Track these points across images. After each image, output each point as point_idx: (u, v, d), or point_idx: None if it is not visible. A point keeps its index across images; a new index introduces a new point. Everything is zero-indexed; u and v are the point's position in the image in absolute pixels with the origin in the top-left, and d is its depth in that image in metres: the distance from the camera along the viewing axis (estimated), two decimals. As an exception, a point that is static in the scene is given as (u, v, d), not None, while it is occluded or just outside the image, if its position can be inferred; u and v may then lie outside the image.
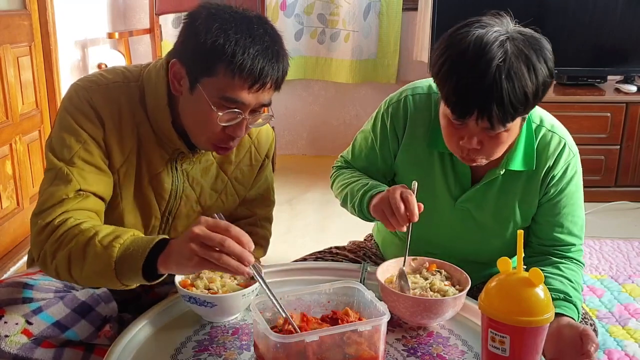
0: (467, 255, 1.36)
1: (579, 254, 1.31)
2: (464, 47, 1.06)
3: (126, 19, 3.78)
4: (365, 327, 0.96)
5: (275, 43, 1.13)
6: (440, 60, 1.10)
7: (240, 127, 1.14)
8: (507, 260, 0.95)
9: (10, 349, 1.08)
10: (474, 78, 1.05)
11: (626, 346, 1.88)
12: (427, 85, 1.34)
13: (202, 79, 1.11)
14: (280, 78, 1.15)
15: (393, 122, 1.35)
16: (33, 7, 2.62)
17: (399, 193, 1.16)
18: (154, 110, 1.19)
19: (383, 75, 3.85)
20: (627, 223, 2.98)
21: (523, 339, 0.91)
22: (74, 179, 1.12)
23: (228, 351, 1.05)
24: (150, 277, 1.02)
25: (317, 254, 1.53)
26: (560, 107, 3.04)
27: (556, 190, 1.27)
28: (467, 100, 1.07)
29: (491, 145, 1.14)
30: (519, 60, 1.05)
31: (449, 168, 1.31)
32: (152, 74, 1.20)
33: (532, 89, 1.06)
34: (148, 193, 1.25)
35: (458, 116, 1.10)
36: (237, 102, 1.11)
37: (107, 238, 1.04)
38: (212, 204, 1.34)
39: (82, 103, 1.16)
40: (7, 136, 2.38)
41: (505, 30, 1.08)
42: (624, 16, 3.23)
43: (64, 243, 1.07)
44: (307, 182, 3.48)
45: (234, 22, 1.09)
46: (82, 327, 1.17)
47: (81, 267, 1.06)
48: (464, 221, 1.33)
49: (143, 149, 1.22)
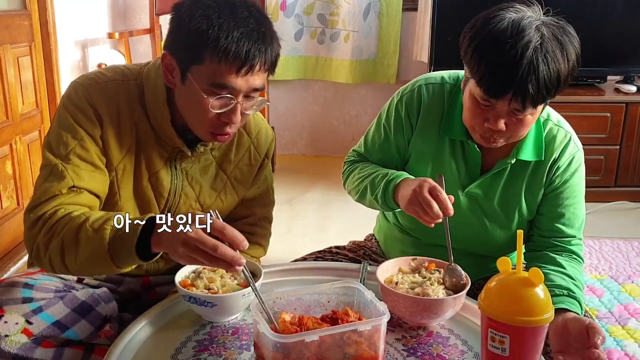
0: (471, 247, 1.38)
1: (579, 247, 1.32)
2: (501, 28, 1.11)
3: (126, 19, 3.78)
4: (365, 327, 0.96)
5: (261, 25, 1.11)
6: (476, 41, 1.13)
7: (235, 113, 1.14)
8: (507, 260, 0.95)
9: (10, 349, 1.08)
10: (511, 58, 1.09)
11: (626, 346, 1.88)
12: (440, 76, 1.37)
13: (191, 68, 1.11)
14: (271, 60, 1.13)
15: (407, 110, 1.36)
16: (33, 7, 2.62)
17: (427, 190, 1.15)
18: (153, 108, 1.19)
19: (383, 75, 3.85)
20: (627, 223, 2.98)
21: (523, 339, 0.91)
22: (68, 176, 1.13)
23: (228, 351, 1.05)
24: (144, 256, 1.03)
25: (317, 253, 1.53)
26: (560, 107, 2.99)
27: (560, 181, 1.30)
28: (504, 80, 1.10)
29: (515, 127, 1.17)
30: (554, 43, 1.11)
31: (460, 157, 1.33)
32: (151, 72, 1.21)
33: (565, 71, 1.12)
34: (147, 191, 1.25)
35: (493, 95, 1.12)
36: (227, 87, 1.10)
37: (98, 222, 1.05)
38: (211, 202, 1.34)
39: (80, 101, 1.17)
40: (7, 136, 2.39)
41: (537, 16, 1.14)
42: (624, 16, 3.23)
43: (56, 232, 1.08)
44: (307, 182, 3.48)
45: (217, 8, 1.08)
46: (82, 327, 1.17)
47: (75, 254, 1.06)
48: (472, 210, 1.35)
49: (142, 147, 1.22)
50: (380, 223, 1.61)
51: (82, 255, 1.06)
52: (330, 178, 3.48)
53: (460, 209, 1.34)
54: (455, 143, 1.33)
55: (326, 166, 3.80)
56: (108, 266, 1.05)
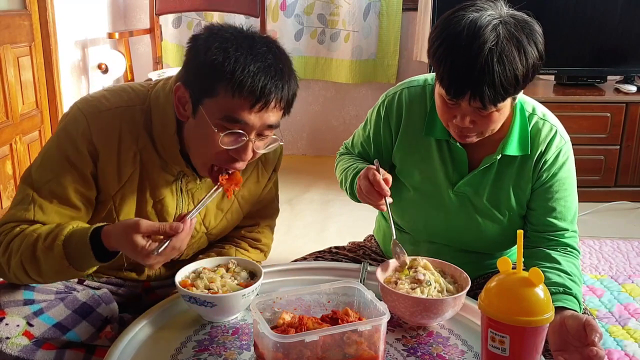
0: (465, 244, 1.39)
1: (573, 240, 1.32)
2: (458, 30, 1.12)
3: (126, 19, 3.78)
4: (365, 327, 0.96)
5: (279, 61, 1.08)
6: (437, 43, 1.15)
7: (245, 151, 1.10)
8: (507, 260, 0.95)
9: (11, 351, 1.08)
10: (467, 61, 1.10)
11: (626, 346, 1.88)
12: (422, 79, 1.39)
13: (204, 100, 1.08)
14: (287, 98, 1.10)
15: (388, 114, 1.40)
16: (33, 7, 2.62)
17: (365, 176, 1.25)
18: (162, 138, 1.16)
19: (383, 76, 3.85)
20: (627, 223, 2.98)
21: (523, 339, 0.91)
22: (32, 211, 1.13)
23: (228, 351, 1.05)
24: (106, 257, 1.08)
25: (317, 254, 1.53)
26: (560, 107, 3.04)
27: (548, 175, 1.30)
28: (461, 82, 1.12)
29: (483, 123, 1.19)
30: (511, 43, 1.10)
31: (447, 155, 1.34)
32: (160, 97, 1.17)
33: (523, 71, 1.12)
34: (151, 217, 1.22)
35: (452, 96, 1.15)
36: (239, 122, 1.07)
37: (49, 239, 1.08)
38: (216, 223, 1.32)
39: (77, 134, 1.13)
40: (7, 136, 2.39)
41: (498, 14, 1.13)
42: (624, 16, 3.23)
43: (13, 252, 1.10)
44: (307, 182, 3.48)
45: (235, 40, 1.06)
46: (83, 329, 1.16)
47: (37, 269, 1.10)
48: (462, 207, 1.35)
49: (146, 174, 1.19)
50: (379, 223, 1.62)
51: (45, 269, 1.10)
52: (330, 178, 3.46)
53: (451, 206, 1.36)
54: (440, 143, 1.34)
55: (326, 166, 3.78)
56: (74, 274, 1.13)
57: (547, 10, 3.17)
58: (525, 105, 1.31)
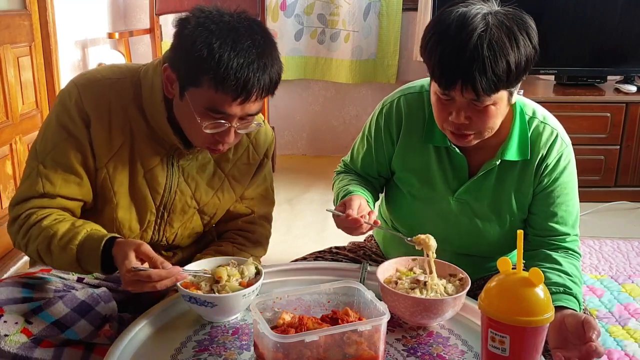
0: (466, 248, 1.38)
1: (574, 244, 1.32)
2: (448, 22, 1.12)
3: (126, 19, 3.78)
4: (365, 327, 0.96)
5: (263, 55, 1.11)
6: (427, 37, 1.16)
7: (228, 134, 1.16)
8: (507, 260, 0.95)
9: (10, 348, 1.08)
10: (456, 48, 1.10)
11: (626, 346, 1.88)
12: (419, 85, 1.37)
13: (189, 88, 1.12)
14: (268, 87, 1.13)
15: (387, 123, 1.38)
16: (33, 7, 2.62)
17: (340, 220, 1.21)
18: (149, 105, 1.21)
19: (383, 76, 3.85)
20: (627, 223, 2.98)
21: (523, 339, 0.91)
22: (40, 183, 1.18)
23: (228, 351, 1.05)
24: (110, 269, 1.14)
25: (317, 254, 1.53)
26: (560, 107, 3.04)
27: (550, 180, 1.29)
28: (451, 70, 1.11)
29: (480, 119, 1.17)
30: (500, 30, 1.10)
31: (446, 162, 1.33)
32: (149, 70, 1.22)
33: (515, 58, 1.10)
34: (142, 187, 1.27)
35: (444, 88, 1.14)
36: (221, 113, 1.12)
37: (64, 239, 1.15)
38: (208, 200, 1.35)
39: (70, 103, 1.20)
40: (7, 136, 2.39)
41: (489, 8, 1.14)
42: (624, 16, 3.23)
43: (31, 239, 1.18)
44: (307, 182, 3.48)
45: (220, 35, 1.08)
46: (82, 327, 1.17)
47: (51, 260, 1.18)
48: (463, 213, 1.35)
49: (137, 144, 1.24)
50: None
51: (57, 263, 1.19)
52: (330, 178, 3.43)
53: (452, 212, 1.35)
54: (440, 150, 1.33)
55: (326, 166, 3.78)
56: (82, 273, 1.21)
57: (547, 10, 3.18)
58: (525, 109, 1.29)
